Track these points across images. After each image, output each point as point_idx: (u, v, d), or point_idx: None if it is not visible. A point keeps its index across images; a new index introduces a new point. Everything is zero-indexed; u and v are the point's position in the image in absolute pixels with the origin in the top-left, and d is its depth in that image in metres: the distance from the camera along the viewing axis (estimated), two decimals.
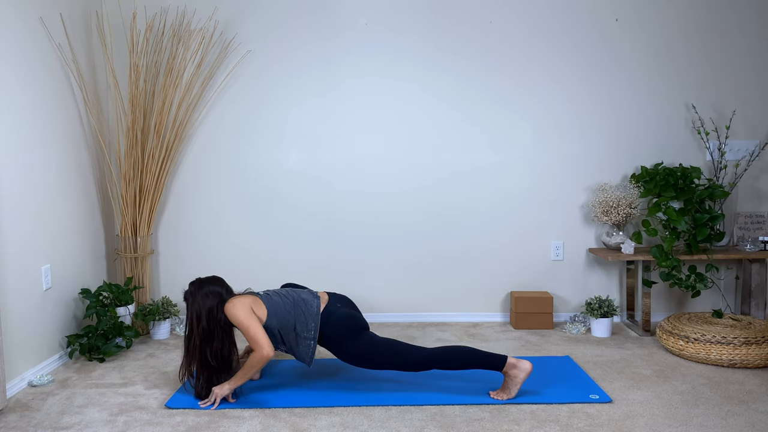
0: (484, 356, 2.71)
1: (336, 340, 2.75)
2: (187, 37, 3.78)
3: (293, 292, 2.83)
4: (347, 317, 2.78)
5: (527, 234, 4.00)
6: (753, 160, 3.93)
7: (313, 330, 2.72)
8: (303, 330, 2.72)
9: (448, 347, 2.76)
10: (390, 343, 2.77)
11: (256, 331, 2.63)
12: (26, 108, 3.06)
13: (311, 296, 2.81)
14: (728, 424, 2.50)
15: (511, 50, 3.90)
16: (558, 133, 3.96)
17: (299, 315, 2.74)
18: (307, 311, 2.74)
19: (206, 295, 2.71)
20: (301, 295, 2.81)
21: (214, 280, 2.78)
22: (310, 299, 2.79)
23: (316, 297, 2.81)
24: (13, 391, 2.88)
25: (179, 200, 3.97)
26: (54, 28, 3.33)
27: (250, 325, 2.64)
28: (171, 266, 4.00)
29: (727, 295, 4.03)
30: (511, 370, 2.70)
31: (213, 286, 2.74)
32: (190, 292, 2.74)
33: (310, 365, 2.79)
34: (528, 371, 2.69)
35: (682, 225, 3.60)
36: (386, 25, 3.89)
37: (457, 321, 4.00)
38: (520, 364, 2.69)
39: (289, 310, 2.74)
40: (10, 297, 2.91)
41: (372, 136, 3.94)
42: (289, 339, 2.74)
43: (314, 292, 2.85)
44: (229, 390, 2.69)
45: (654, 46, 3.91)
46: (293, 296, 2.80)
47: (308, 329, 2.72)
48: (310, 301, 2.78)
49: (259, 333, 2.63)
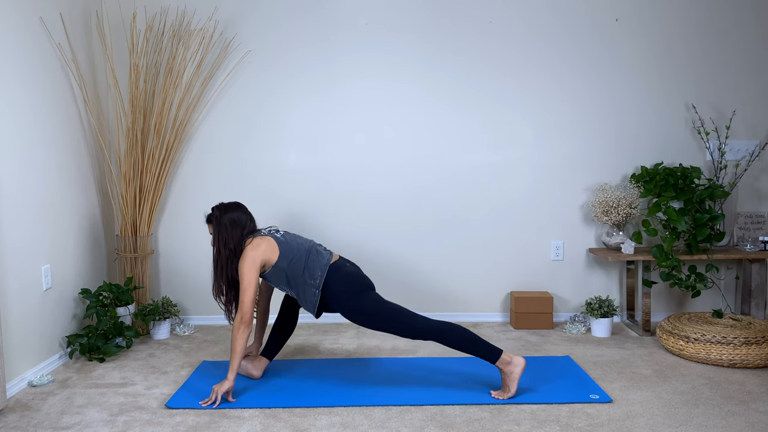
0: (482, 343, 2.74)
1: (339, 293, 2.81)
2: (187, 37, 3.78)
3: (310, 243, 2.95)
4: (353, 275, 2.87)
5: (527, 234, 4.00)
6: (753, 160, 3.93)
7: (319, 278, 2.80)
8: (309, 277, 2.81)
9: (450, 323, 2.80)
10: (393, 306, 2.82)
11: (248, 295, 2.73)
12: (26, 108, 3.06)
13: (325, 250, 2.93)
14: (728, 424, 2.50)
15: (512, 50, 3.90)
16: (558, 132, 3.96)
17: (309, 262, 2.83)
18: (317, 260, 2.84)
19: (232, 221, 2.87)
20: (317, 246, 2.93)
21: (238, 206, 2.93)
22: (323, 251, 2.91)
23: (330, 253, 2.93)
24: (13, 391, 2.88)
25: (179, 200, 3.97)
26: (54, 28, 3.33)
27: (248, 288, 2.73)
28: (171, 266, 4.00)
29: (727, 295, 4.03)
30: (505, 367, 2.71)
31: (237, 213, 2.90)
32: (215, 216, 2.89)
33: (316, 316, 2.88)
34: (522, 366, 2.72)
35: (682, 225, 3.60)
36: (386, 24, 3.89)
37: (458, 321, 4.00)
38: (514, 360, 2.73)
39: (301, 256, 2.84)
40: (10, 297, 2.91)
41: (372, 136, 3.94)
42: (297, 283, 2.84)
43: (326, 250, 2.95)
44: (228, 385, 2.70)
45: (654, 47, 3.91)
46: (309, 245, 2.91)
47: (314, 277, 2.80)
48: (323, 253, 2.89)
49: (249, 298, 2.72)
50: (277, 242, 2.84)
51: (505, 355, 2.73)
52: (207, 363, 3.24)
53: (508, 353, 2.75)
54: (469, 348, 2.74)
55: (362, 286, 2.85)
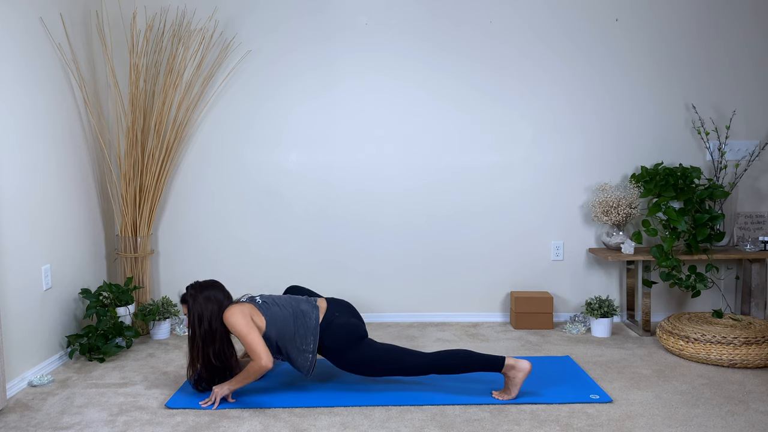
0: (483, 358, 2.70)
1: (334, 349, 2.74)
2: (187, 37, 3.78)
3: (293, 302, 2.81)
4: (345, 326, 2.76)
5: (527, 234, 4.00)
6: (753, 160, 3.93)
7: (312, 344, 2.72)
8: (302, 343, 2.72)
9: (447, 351, 2.76)
10: (389, 350, 2.75)
11: (255, 341, 2.62)
12: (26, 108, 3.06)
13: (310, 307, 2.78)
14: (728, 424, 2.50)
15: (512, 50, 3.90)
16: (558, 133, 3.96)
17: (299, 328, 2.73)
18: (306, 324, 2.73)
19: (207, 299, 2.71)
20: (300, 306, 2.79)
21: (214, 284, 2.79)
22: (309, 311, 2.77)
23: (315, 308, 2.79)
24: (13, 391, 2.88)
25: (179, 200, 3.97)
26: (54, 28, 3.33)
27: (249, 334, 2.63)
28: (171, 266, 4.00)
29: (727, 295, 4.03)
30: (509, 371, 2.69)
31: (212, 291, 2.74)
32: (190, 295, 2.74)
33: (308, 377, 2.77)
34: (527, 371, 2.68)
35: (682, 225, 3.60)
36: (386, 24, 3.89)
37: (457, 321, 4.00)
38: (519, 365, 2.69)
39: (288, 323, 2.73)
40: (10, 297, 2.91)
41: (372, 136, 3.94)
42: (288, 351, 2.74)
43: (313, 302, 2.83)
44: (228, 390, 2.69)
45: (654, 47, 3.91)
46: (292, 307, 2.78)
47: (307, 342, 2.72)
48: (309, 313, 2.76)
49: (257, 343, 2.62)
50: (260, 310, 2.73)
51: (509, 360, 2.69)
52: None
53: (511, 357, 2.71)
54: (471, 368, 2.70)
55: (354, 338, 2.74)
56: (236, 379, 2.69)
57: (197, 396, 2.79)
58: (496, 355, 2.72)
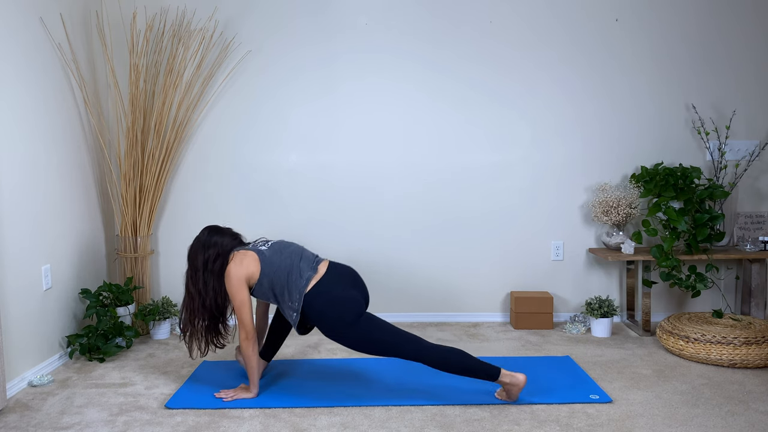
0: (480, 364, 2.64)
1: (317, 322, 2.69)
2: (187, 37, 3.78)
3: (296, 256, 2.75)
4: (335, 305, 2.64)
5: (527, 234, 4.00)
6: (753, 160, 3.93)
7: (297, 303, 2.67)
8: (289, 299, 2.69)
9: (447, 347, 2.69)
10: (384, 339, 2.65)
11: (244, 312, 2.67)
12: (26, 108, 3.06)
13: (307, 267, 2.72)
14: (728, 424, 2.50)
15: (512, 50, 3.90)
16: (558, 133, 3.96)
17: (290, 284, 2.68)
18: (295, 283, 2.67)
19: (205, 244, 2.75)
20: (300, 262, 2.73)
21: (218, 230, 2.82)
22: (305, 269, 2.71)
23: (312, 269, 2.72)
24: (13, 391, 2.88)
25: (179, 200, 3.97)
26: (54, 28, 3.33)
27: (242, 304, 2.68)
28: (171, 266, 4.00)
29: (727, 295, 4.03)
30: (505, 385, 2.66)
31: (215, 237, 2.77)
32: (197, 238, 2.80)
33: (300, 334, 2.79)
34: (521, 386, 2.64)
35: (682, 225, 3.60)
36: (386, 25, 3.89)
37: (457, 321, 4.00)
38: (514, 379, 2.64)
39: (281, 276, 2.69)
40: (10, 297, 2.91)
41: (372, 137, 3.94)
42: (277, 300, 2.73)
43: (312, 262, 2.76)
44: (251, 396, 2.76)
45: (654, 47, 3.91)
46: (291, 262, 2.72)
47: (293, 300, 2.68)
48: (304, 272, 2.69)
49: (245, 315, 2.67)
50: (260, 257, 2.71)
51: (504, 373, 2.64)
52: (207, 363, 3.24)
53: (507, 372, 2.65)
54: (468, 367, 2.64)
55: (346, 313, 2.63)
56: (251, 382, 2.75)
57: (197, 396, 2.79)
58: (493, 365, 2.66)
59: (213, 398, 2.75)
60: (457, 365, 2.65)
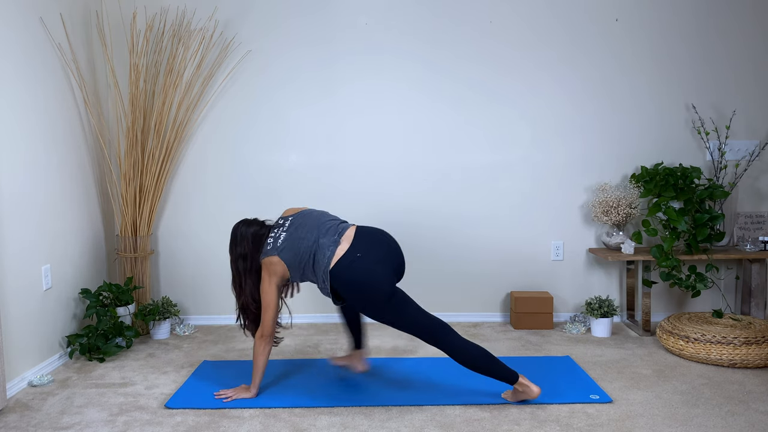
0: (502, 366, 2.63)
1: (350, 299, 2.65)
2: (187, 37, 3.78)
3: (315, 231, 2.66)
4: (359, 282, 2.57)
5: (527, 234, 4.00)
6: (753, 160, 3.93)
7: (325, 281, 2.62)
8: (318, 279, 2.66)
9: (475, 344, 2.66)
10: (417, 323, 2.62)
11: (268, 314, 2.68)
12: (27, 108, 3.06)
13: (329, 241, 2.62)
14: (728, 424, 2.50)
15: (512, 50, 3.90)
16: (558, 133, 3.96)
17: (316, 264, 2.62)
18: (319, 264, 2.61)
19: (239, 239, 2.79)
20: (321, 237, 2.64)
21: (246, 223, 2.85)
22: (326, 245, 2.61)
23: (334, 243, 2.61)
24: (13, 391, 2.88)
25: (179, 200, 3.97)
26: (54, 28, 3.33)
27: (269, 306, 2.68)
28: (171, 266, 4.00)
29: (727, 295, 4.03)
30: (517, 391, 2.66)
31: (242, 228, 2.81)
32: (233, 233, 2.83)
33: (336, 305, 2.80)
34: (532, 397, 2.65)
35: (682, 225, 3.60)
36: (386, 25, 3.89)
37: (457, 321, 4.00)
38: (528, 389, 2.64)
39: (307, 260, 2.63)
40: (10, 297, 2.91)
41: (372, 137, 3.94)
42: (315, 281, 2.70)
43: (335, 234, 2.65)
44: (250, 396, 2.76)
45: (654, 47, 3.91)
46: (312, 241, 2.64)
47: (319, 279, 2.65)
48: (326, 249, 2.60)
49: (269, 317, 2.68)
50: (282, 258, 2.64)
51: (522, 379, 2.64)
52: (207, 363, 3.24)
53: (525, 378, 2.66)
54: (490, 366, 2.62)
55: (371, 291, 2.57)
56: (253, 382, 2.75)
57: (197, 396, 2.79)
58: (513, 370, 2.65)
59: (213, 398, 2.76)
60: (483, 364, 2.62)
